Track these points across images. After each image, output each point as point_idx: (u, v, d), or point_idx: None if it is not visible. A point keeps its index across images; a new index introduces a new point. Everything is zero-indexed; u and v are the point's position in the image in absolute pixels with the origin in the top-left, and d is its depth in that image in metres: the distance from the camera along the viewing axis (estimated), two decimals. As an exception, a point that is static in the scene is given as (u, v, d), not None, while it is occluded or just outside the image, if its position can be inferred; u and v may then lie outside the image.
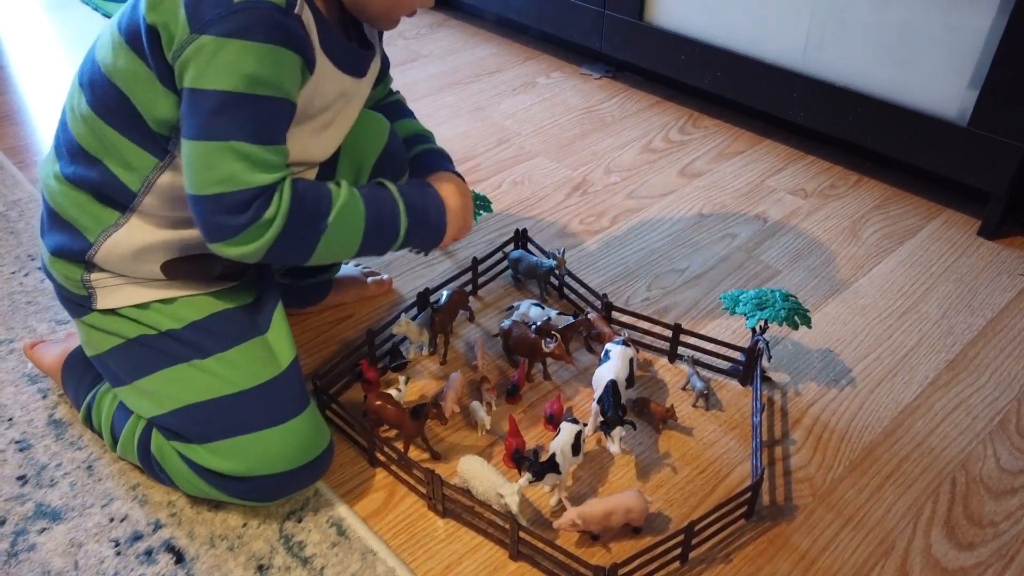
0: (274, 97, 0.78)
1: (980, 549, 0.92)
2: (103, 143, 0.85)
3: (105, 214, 0.88)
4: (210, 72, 0.75)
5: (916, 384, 1.14)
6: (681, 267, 1.35)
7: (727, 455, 1.03)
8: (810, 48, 1.54)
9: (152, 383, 0.91)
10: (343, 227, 0.85)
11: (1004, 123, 1.33)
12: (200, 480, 0.89)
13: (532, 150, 1.69)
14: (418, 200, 0.92)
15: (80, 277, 0.91)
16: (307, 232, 0.83)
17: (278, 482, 0.89)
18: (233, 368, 0.90)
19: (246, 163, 0.77)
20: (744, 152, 1.70)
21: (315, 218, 0.83)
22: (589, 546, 0.91)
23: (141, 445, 0.93)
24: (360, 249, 0.88)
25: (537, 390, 1.11)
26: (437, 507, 0.94)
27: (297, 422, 0.90)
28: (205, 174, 0.77)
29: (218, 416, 0.88)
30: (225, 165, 0.77)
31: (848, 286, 1.32)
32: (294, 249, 0.83)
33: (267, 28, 0.75)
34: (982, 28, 1.32)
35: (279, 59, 0.77)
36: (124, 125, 0.84)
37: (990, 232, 1.43)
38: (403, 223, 0.90)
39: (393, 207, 0.89)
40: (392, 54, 2.10)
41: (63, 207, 0.90)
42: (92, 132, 0.85)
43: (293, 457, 0.89)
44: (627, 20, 1.80)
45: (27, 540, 0.90)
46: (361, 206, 0.86)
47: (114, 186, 0.86)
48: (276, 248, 0.80)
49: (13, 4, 2.36)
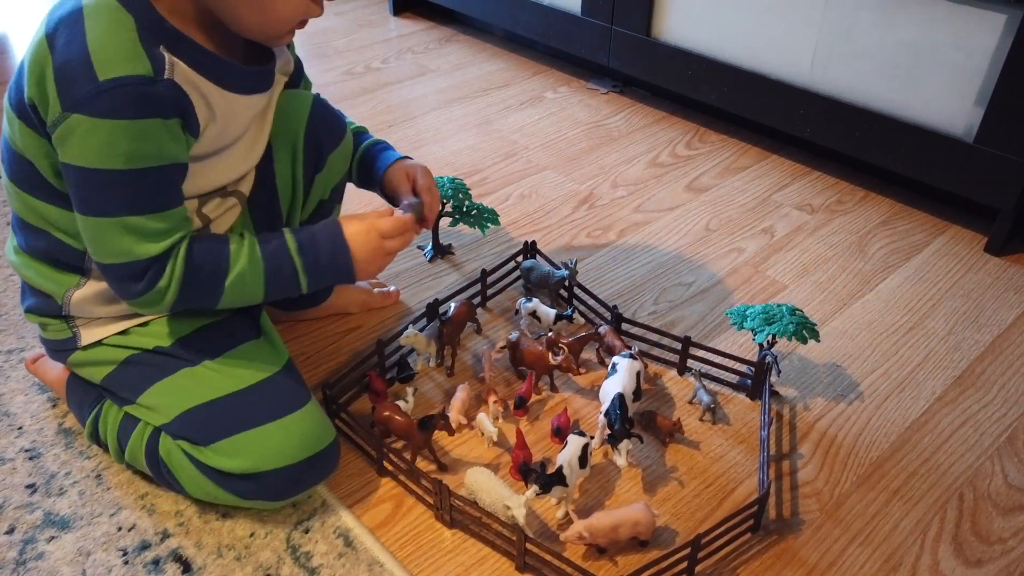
0: (157, 166, 0.80)
1: (988, 566, 0.92)
2: (37, 214, 0.88)
3: (65, 278, 0.92)
4: (87, 152, 0.77)
5: (923, 400, 1.14)
6: (688, 281, 1.36)
7: (734, 469, 1.03)
8: (817, 64, 1.55)
9: (151, 397, 0.92)
10: (241, 290, 0.87)
11: (1010, 140, 1.33)
12: (208, 482, 0.90)
13: (539, 164, 1.70)
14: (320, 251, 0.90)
15: (60, 323, 0.95)
16: (203, 295, 0.87)
17: (284, 478, 0.89)
18: (227, 370, 0.92)
19: (135, 236, 0.80)
20: (750, 167, 1.70)
21: (211, 283, 0.86)
22: (596, 559, 0.91)
23: (149, 449, 0.94)
24: (265, 300, 0.91)
25: (544, 402, 1.11)
26: (445, 517, 0.94)
27: (298, 416, 0.90)
28: (100, 246, 0.82)
29: (218, 416, 0.89)
30: (115, 240, 0.80)
31: (855, 301, 1.32)
32: (197, 305, 0.88)
33: (137, 104, 0.76)
34: (988, 46, 1.32)
35: (154, 131, 0.78)
36: (44, 194, 0.86)
37: (997, 248, 1.43)
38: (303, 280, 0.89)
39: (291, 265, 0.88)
40: (400, 68, 2.12)
41: (29, 278, 0.94)
42: (25, 205, 0.88)
43: (297, 451, 0.89)
44: (634, 36, 1.81)
45: (36, 548, 0.91)
46: (260, 268, 0.87)
47: (63, 251, 0.90)
48: (178, 307, 0.86)
49: (22, 16, 2.39)
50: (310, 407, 0.92)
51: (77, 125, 0.75)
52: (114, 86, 0.74)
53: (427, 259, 1.40)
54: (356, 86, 2.02)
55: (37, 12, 2.41)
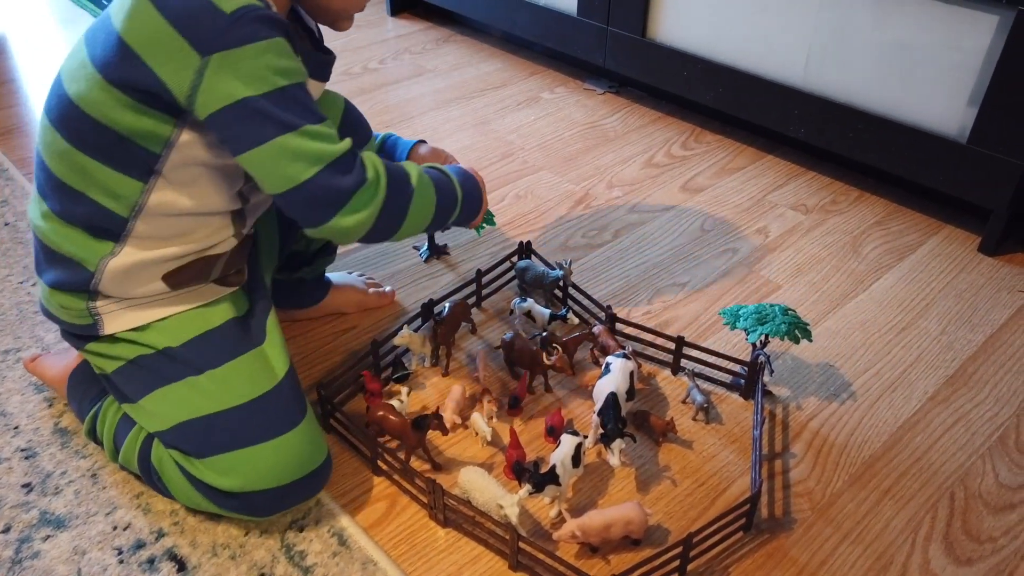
0: (302, 82, 0.81)
1: (979, 564, 0.93)
2: (84, 176, 0.86)
3: (100, 245, 0.89)
4: (243, 82, 0.76)
5: (915, 399, 1.14)
6: (682, 281, 1.36)
7: (727, 468, 1.03)
8: (811, 65, 1.56)
9: (151, 402, 0.92)
10: (423, 192, 0.89)
11: (1003, 140, 1.34)
12: (196, 493, 0.90)
13: (535, 164, 1.71)
14: (456, 172, 0.98)
15: (84, 306, 0.91)
16: (402, 193, 0.87)
17: (271, 498, 0.89)
18: (226, 384, 0.90)
19: (319, 140, 0.80)
20: (745, 168, 1.71)
21: (402, 181, 0.87)
22: (588, 558, 0.92)
23: (142, 455, 0.94)
24: (434, 215, 0.92)
25: (538, 402, 1.12)
26: (438, 517, 0.95)
27: (291, 436, 0.90)
28: (294, 166, 0.79)
29: (212, 432, 0.89)
30: (303, 151, 0.79)
31: (848, 301, 1.33)
32: (393, 213, 0.86)
33: (268, 25, 0.77)
34: (981, 47, 1.33)
35: (287, 48, 0.79)
36: (105, 155, 0.84)
37: (990, 248, 1.44)
38: (458, 191, 0.95)
39: (442, 175, 0.95)
40: (398, 68, 2.13)
41: (57, 243, 0.90)
42: (72, 167, 0.86)
43: (287, 472, 0.89)
44: (630, 37, 1.82)
45: (31, 547, 0.91)
46: (431, 187, 0.91)
47: (103, 216, 0.87)
48: (383, 212, 0.84)
49: (22, 17, 2.39)
50: (304, 425, 0.92)
51: (221, 62, 0.75)
52: (243, 13, 0.75)
53: (423, 259, 1.40)
54: (354, 86, 2.03)
55: (37, 12, 2.42)
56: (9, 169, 1.63)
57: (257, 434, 0.89)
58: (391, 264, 1.39)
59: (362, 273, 1.34)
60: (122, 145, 0.83)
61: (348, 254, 1.42)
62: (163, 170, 0.85)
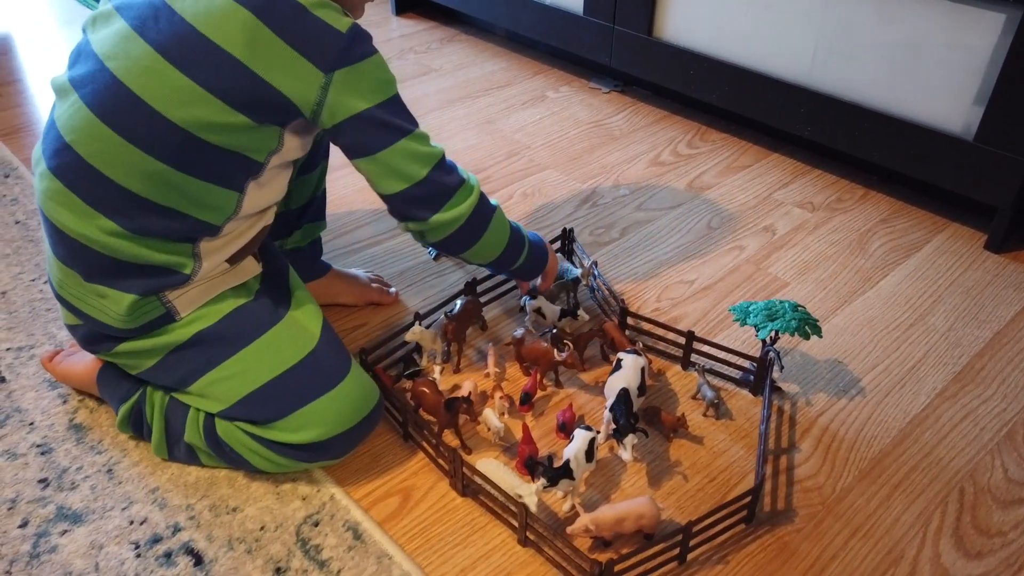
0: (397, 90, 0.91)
1: (989, 558, 0.93)
2: (179, 193, 0.87)
3: (180, 247, 0.91)
4: (362, 96, 0.86)
5: (924, 395, 1.15)
6: (690, 279, 1.37)
7: (737, 464, 1.04)
8: (817, 63, 1.56)
9: (201, 387, 0.95)
10: (501, 219, 1.01)
11: (1010, 138, 1.34)
12: (276, 455, 0.95)
13: (542, 163, 1.71)
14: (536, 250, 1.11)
15: (157, 301, 0.93)
16: (487, 205, 0.99)
17: (344, 441, 0.96)
18: (271, 352, 0.95)
19: (427, 142, 0.93)
20: (751, 166, 1.72)
21: (486, 197, 1.00)
22: (601, 552, 0.92)
23: (208, 433, 0.96)
24: (504, 249, 1.03)
25: (549, 398, 1.13)
26: (457, 485, 0.98)
27: (346, 383, 0.95)
28: (412, 166, 0.91)
29: (274, 398, 0.93)
30: (420, 148, 0.91)
31: (856, 298, 1.33)
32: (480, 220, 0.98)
33: (369, 39, 0.88)
34: (987, 45, 1.34)
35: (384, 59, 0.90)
36: (207, 172, 0.87)
37: (996, 246, 1.45)
38: (526, 241, 1.07)
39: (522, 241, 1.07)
40: (403, 68, 2.13)
41: (139, 256, 0.89)
42: (164, 186, 0.86)
43: (351, 416, 0.95)
44: (636, 35, 1.82)
45: (49, 542, 0.92)
46: (507, 228, 1.03)
47: (194, 227, 0.90)
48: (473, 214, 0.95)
49: (28, 18, 2.40)
50: (354, 371, 0.97)
51: (346, 77, 0.84)
52: (355, 31, 0.85)
53: (431, 257, 1.41)
54: (359, 86, 2.03)
55: (41, 12, 2.43)
56: (19, 168, 1.63)
57: (316, 390, 0.93)
58: (400, 262, 1.40)
59: (370, 271, 1.35)
60: (232, 160, 0.87)
61: (357, 252, 1.43)
62: (260, 175, 0.90)
